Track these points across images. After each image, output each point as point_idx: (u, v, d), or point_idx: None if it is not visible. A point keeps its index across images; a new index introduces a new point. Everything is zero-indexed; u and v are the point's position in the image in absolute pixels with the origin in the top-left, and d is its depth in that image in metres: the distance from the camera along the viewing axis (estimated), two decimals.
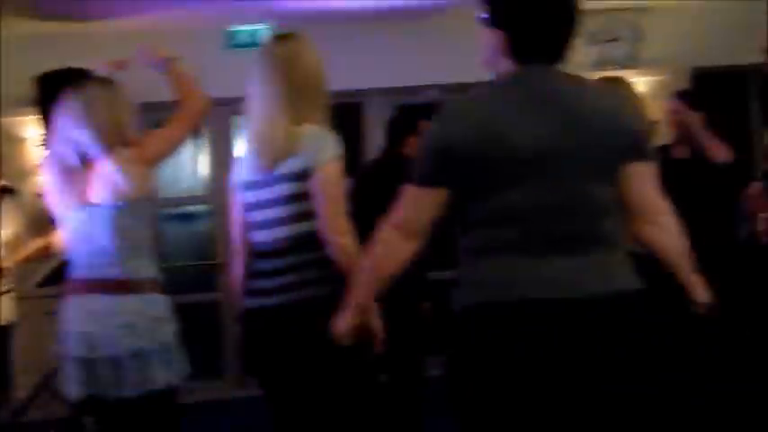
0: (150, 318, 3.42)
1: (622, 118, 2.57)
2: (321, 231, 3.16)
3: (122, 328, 3.36)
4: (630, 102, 2.68)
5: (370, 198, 3.95)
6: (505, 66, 2.61)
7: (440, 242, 3.07)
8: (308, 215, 3.20)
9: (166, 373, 3.43)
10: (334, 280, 3.15)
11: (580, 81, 2.62)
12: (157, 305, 3.47)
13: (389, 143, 5.18)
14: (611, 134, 2.53)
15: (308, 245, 3.21)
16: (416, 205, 2.62)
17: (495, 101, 2.56)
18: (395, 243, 2.65)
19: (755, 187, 5.31)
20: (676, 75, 7.49)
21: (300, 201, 3.20)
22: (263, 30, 7.10)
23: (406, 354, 5.02)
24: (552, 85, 2.56)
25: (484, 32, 2.64)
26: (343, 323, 2.86)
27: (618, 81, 4.72)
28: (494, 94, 2.59)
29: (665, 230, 2.69)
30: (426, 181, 2.59)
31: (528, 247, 2.52)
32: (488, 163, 2.49)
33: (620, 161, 2.56)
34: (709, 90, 6.98)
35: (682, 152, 5.48)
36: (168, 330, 3.47)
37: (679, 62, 7.67)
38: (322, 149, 3.16)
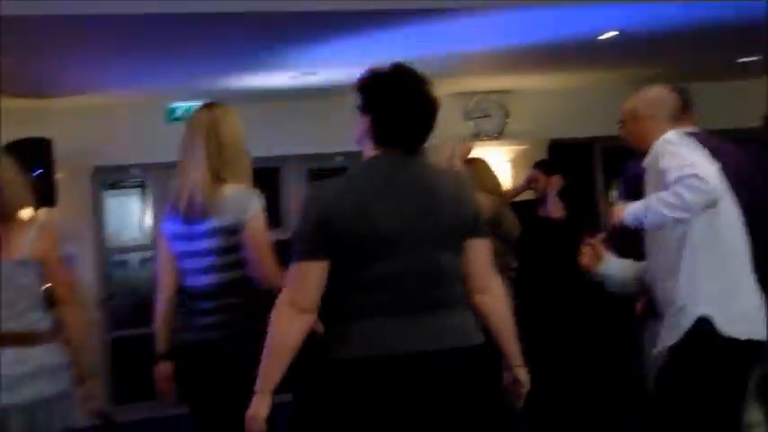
0: (52, 366, 3.18)
1: (464, 202, 2.56)
2: (255, 275, 3.09)
3: (28, 377, 3.10)
4: (469, 188, 2.67)
5: None
6: (370, 148, 2.57)
7: None
8: (236, 264, 3.12)
9: (67, 417, 3.21)
10: (261, 318, 3.12)
11: (431, 168, 2.59)
12: (57, 355, 3.21)
13: None
14: (456, 216, 2.52)
15: (238, 289, 3.13)
16: (305, 281, 2.48)
17: (363, 184, 2.51)
18: (290, 322, 2.50)
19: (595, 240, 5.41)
20: (536, 145, 7.61)
21: (229, 252, 3.11)
22: (198, 106, 7.00)
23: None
24: (409, 174, 2.52)
25: (357, 116, 2.60)
26: (257, 412, 2.54)
27: (476, 161, 4.76)
28: (362, 176, 2.55)
29: (495, 298, 2.65)
30: (310, 255, 2.47)
31: (393, 310, 2.47)
32: (358, 239, 2.44)
33: (463, 238, 2.56)
34: (563, 158, 7.12)
35: (545, 211, 5.59)
36: (67, 377, 3.23)
37: (538, 135, 7.80)
38: (248, 207, 3.10)
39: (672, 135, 3.02)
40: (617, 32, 5.75)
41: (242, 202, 3.10)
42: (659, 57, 6.82)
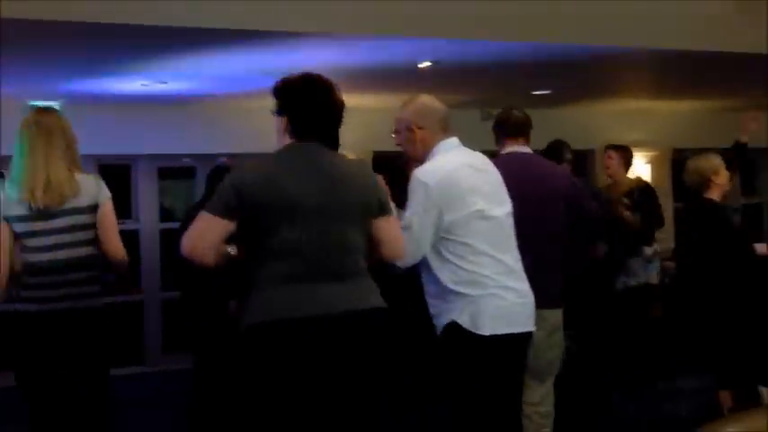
0: None
1: (368, 186, 2.72)
2: (105, 251, 3.15)
3: None
4: (373, 175, 2.82)
5: None
6: (287, 142, 2.69)
7: None
8: (86, 242, 3.19)
9: None
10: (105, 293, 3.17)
11: (340, 157, 2.74)
12: None
13: (208, 192, 5.11)
14: (360, 196, 2.67)
15: (87, 265, 3.19)
16: (206, 232, 2.57)
17: (278, 164, 2.62)
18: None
19: None
20: (361, 155, 7.77)
21: (81, 230, 3.18)
22: (55, 106, 6.79)
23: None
24: (319, 158, 2.64)
25: (275, 120, 2.72)
26: None
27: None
28: (278, 159, 2.65)
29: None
30: (217, 211, 2.57)
31: (305, 276, 2.54)
32: (271, 209, 2.53)
33: (367, 216, 2.68)
34: (385, 167, 7.32)
35: None
36: None
37: (364, 147, 7.96)
38: (100, 191, 3.19)
39: (424, 172, 3.01)
40: (432, 62, 6.02)
41: (94, 187, 3.23)
42: (469, 86, 7.16)
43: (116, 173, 7.65)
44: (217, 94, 7.01)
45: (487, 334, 2.93)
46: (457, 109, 8.72)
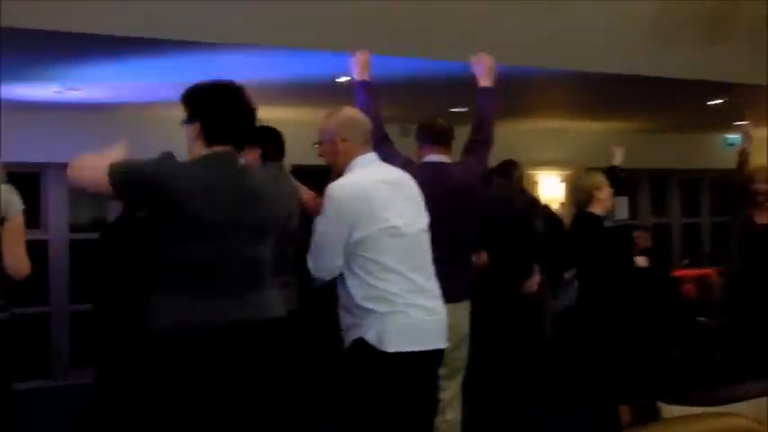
0: None
1: (282, 198, 2.73)
2: (9, 264, 3.06)
3: None
4: (288, 184, 2.85)
5: (112, 248, 3.78)
6: (200, 150, 2.65)
7: None
8: None
9: None
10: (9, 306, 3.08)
11: (251, 168, 2.75)
12: None
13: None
14: (275, 209, 2.68)
15: None
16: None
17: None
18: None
19: None
20: None
21: None
22: None
23: None
24: (232, 170, 2.61)
25: (186, 129, 2.68)
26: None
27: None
28: (197, 165, 2.61)
29: None
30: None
31: (207, 289, 2.54)
32: (179, 218, 2.50)
33: (277, 227, 2.71)
34: (304, 179, 7.32)
35: None
36: None
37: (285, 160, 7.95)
38: (11, 202, 3.10)
39: (336, 187, 3.02)
40: (349, 77, 6.05)
41: (7, 198, 3.09)
42: (387, 101, 7.19)
43: (22, 181, 7.44)
44: (131, 102, 6.91)
45: (392, 351, 2.93)
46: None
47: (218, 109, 2.64)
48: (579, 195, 4.98)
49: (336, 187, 3.02)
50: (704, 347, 6.21)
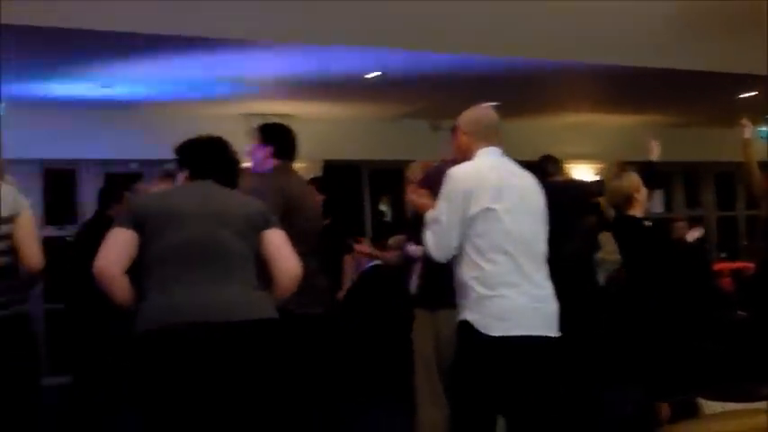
0: None
1: (251, 206, 2.85)
2: (23, 261, 3.09)
3: None
4: (254, 200, 2.95)
5: (85, 249, 3.83)
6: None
7: None
8: (5, 251, 3.07)
9: None
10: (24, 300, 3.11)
11: (224, 190, 2.87)
12: None
13: (100, 208, 5.08)
14: (244, 216, 2.79)
15: (6, 274, 3.07)
16: (118, 241, 2.70)
17: (175, 194, 2.91)
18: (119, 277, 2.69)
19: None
20: (312, 164, 7.79)
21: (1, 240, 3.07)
22: None
23: None
24: (209, 191, 2.83)
25: (178, 171, 2.97)
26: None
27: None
28: (176, 191, 2.95)
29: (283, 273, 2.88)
30: (124, 224, 2.72)
31: (187, 279, 2.64)
32: (158, 217, 2.70)
33: (253, 230, 2.79)
34: (335, 176, 7.38)
35: None
36: None
37: (314, 156, 7.99)
38: (20, 201, 3.11)
39: (456, 170, 3.08)
40: (381, 73, 6.05)
41: (15, 197, 3.11)
42: (416, 97, 7.21)
43: (58, 177, 7.56)
44: (165, 99, 6.96)
45: (496, 335, 2.92)
46: (406, 119, 8.84)
47: (197, 161, 2.94)
48: (617, 198, 4.89)
49: (454, 170, 3.09)
50: (743, 342, 6.12)
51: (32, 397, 3.14)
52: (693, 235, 7.39)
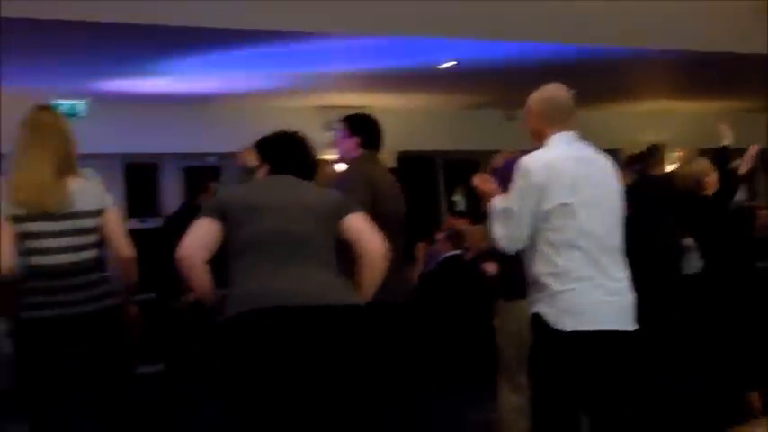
0: None
1: (327, 199, 2.90)
2: (113, 254, 3.17)
3: None
4: (329, 190, 3.07)
5: (175, 236, 3.93)
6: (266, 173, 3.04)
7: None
8: (94, 244, 3.14)
9: None
10: (117, 293, 3.17)
11: (303, 183, 2.95)
12: None
13: (189, 198, 5.27)
14: (323, 206, 2.84)
15: (96, 267, 3.15)
16: (202, 230, 2.79)
17: (257, 187, 3.00)
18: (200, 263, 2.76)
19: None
20: (387, 155, 7.81)
21: (89, 234, 3.12)
22: (80, 104, 6.88)
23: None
24: (289, 184, 2.93)
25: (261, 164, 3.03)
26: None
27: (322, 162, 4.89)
28: (257, 185, 3.03)
29: (370, 259, 2.89)
30: (209, 214, 2.80)
31: (272, 264, 2.71)
32: (241, 209, 2.80)
33: (333, 218, 2.83)
34: (409, 166, 7.41)
35: None
36: None
37: (388, 147, 8.00)
38: (105, 194, 3.17)
39: (528, 159, 2.98)
40: (455, 62, 6.04)
41: (100, 190, 3.17)
42: (491, 86, 7.18)
43: (141, 171, 7.78)
44: (241, 92, 7.08)
45: (568, 330, 2.87)
46: (480, 109, 8.80)
47: (278, 156, 3.04)
48: (689, 182, 4.88)
49: (528, 159, 3.00)
50: None
51: (123, 391, 3.21)
52: None
